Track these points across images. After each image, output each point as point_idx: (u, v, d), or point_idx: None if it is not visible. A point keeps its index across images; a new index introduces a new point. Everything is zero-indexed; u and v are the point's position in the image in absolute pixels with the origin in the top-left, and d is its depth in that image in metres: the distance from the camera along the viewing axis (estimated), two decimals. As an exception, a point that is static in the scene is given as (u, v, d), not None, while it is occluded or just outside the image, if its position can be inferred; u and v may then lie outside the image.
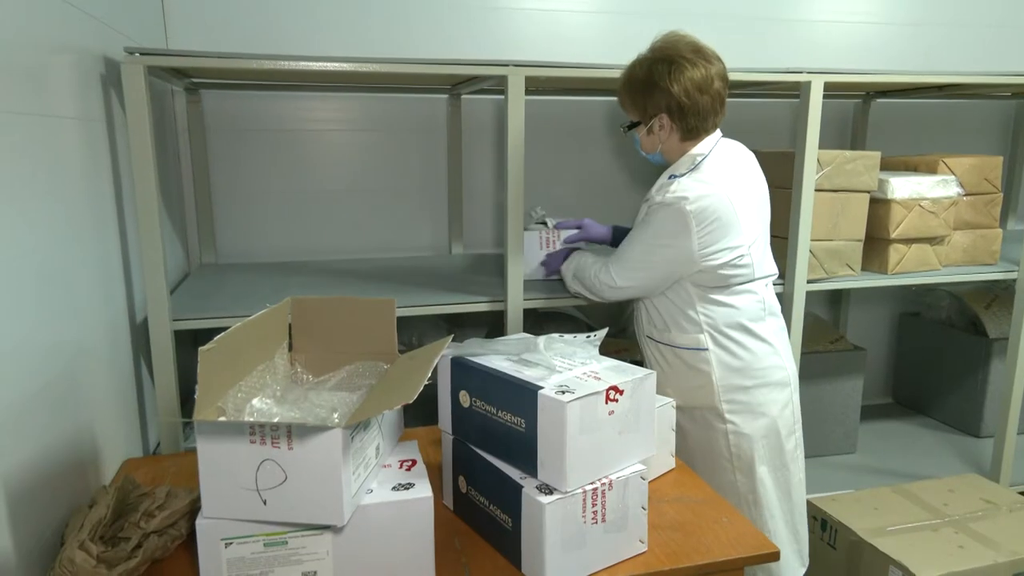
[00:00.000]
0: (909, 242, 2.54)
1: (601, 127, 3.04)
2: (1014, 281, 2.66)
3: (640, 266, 1.83)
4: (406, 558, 1.19)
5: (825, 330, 3.16)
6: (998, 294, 3.29)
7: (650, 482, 1.32)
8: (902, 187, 2.49)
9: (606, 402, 1.20)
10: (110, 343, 1.72)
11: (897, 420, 3.47)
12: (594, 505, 1.22)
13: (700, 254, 1.74)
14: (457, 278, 2.45)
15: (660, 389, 1.89)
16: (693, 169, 1.79)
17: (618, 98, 1.91)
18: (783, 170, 2.37)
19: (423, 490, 1.19)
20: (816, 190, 2.32)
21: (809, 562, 2.00)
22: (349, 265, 2.70)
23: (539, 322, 2.64)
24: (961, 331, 3.30)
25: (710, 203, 1.72)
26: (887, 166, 2.69)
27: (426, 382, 1.12)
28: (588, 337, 1.40)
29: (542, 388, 1.18)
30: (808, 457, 2.05)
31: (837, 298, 3.55)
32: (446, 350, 1.35)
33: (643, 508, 1.29)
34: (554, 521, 1.18)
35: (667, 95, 1.75)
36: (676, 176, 1.79)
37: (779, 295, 2.08)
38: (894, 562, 2.09)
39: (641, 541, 1.30)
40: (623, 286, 1.86)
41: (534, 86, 2.62)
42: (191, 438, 1.96)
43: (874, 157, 2.44)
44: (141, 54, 1.72)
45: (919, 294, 3.56)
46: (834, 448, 3.06)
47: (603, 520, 1.23)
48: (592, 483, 1.21)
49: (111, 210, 1.78)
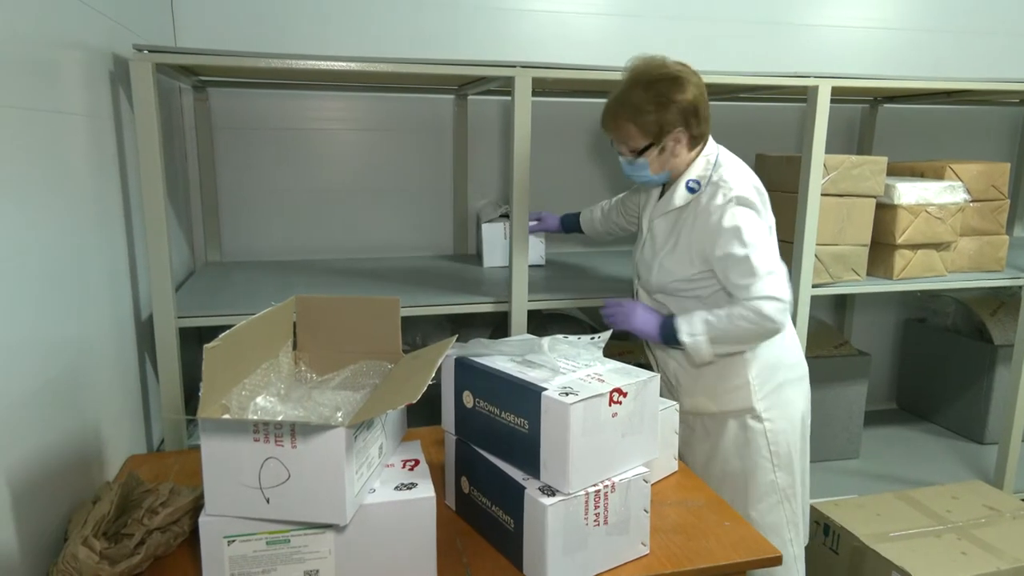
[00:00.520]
0: (915, 248, 2.53)
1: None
2: (1020, 288, 2.65)
3: (774, 260, 1.73)
4: (408, 558, 1.19)
5: (830, 335, 3.15)
6: (1004, 301, 3.28)
7: (652, 485, 1.32)
8: (908, 192, 2.48)
9: (609, 404, 1.20)
10: (115, 340, 1.72)
11: (901, 426, 3.46)
12: (596, 507, 1.22)
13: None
14: (462, 278, 2.45)
15: (692, 399, 1.93)
16: (715, 167, 1.81)
17: (612, 131, 1.83)
18: (789, 174, 2.37)
19: (426, 490, 1.20)
20: (822, 195, 2.32)
21: (810, 567, 2.02)
22: (354, 264, 2.70)
23: (543, 323, 2.64)
24: (966, 337, 3.29)
25: (757, 184, 1.81)
26: (894, 171, 2.68)
27: (430, 382, 1.12)
28: (592, 339, 1.40)
29: (546, 389, 1.18)
30: (811, 462, 2.05)
31: (842, 303, 3.54)
32: (450, 350, 1.35)
33: (645, 511, 1.29)
34: (556, 523, 1.18)
35: (682, 107, 1.75)
36: (697, 181, 1.81)
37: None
38: (896, 568, 2.09)
39: (643, 544, 1.30)
40: (790, 297, 1.72)
41: (541, 88, 2.62)
42: (195, 435, 1.97)
43: (881, 162, 2.43)
44: (150, 51, 1.72)
45: (924, 300, 3.55)
46: (837, 453, 3.05)
47: (605, 522, 1.23)
48: (595, 485, 1.21)
49: (117, 207, 1.79)
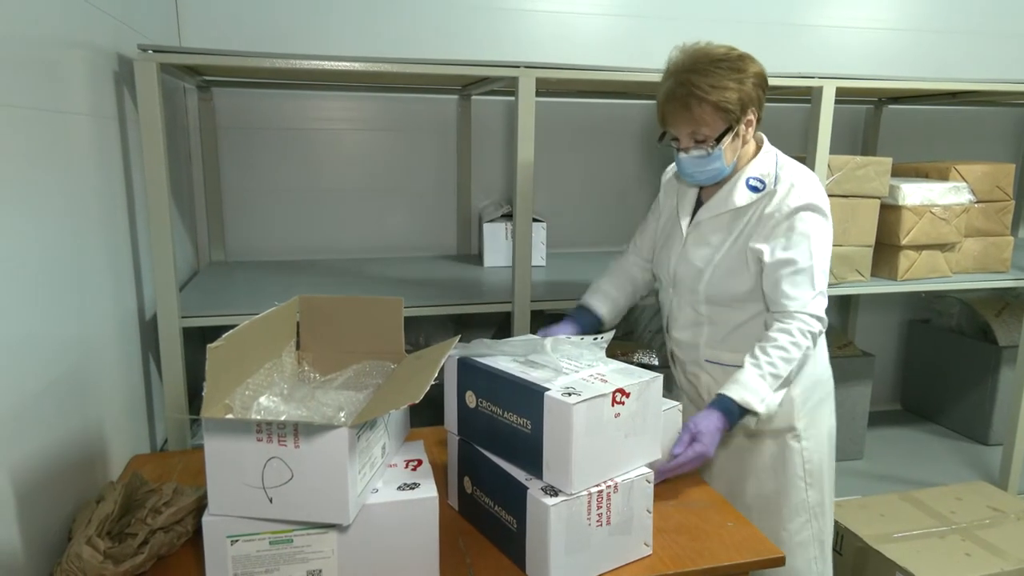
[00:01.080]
0: (919, 248, 2.53)
1: (611, 130, 3.04)
2: (1025, 289, 2.64)
3: (823, 280, 1.62)
4: (411, 558, 1.19)
5: (834, 336, 3.14)
6: (1009, 302, 3.27)
7: (656, 485, 1.32)
8: (913, 193, 2.48)
9: (612, 404, 1.20)
10: (119, 340, 1.73)
11: (905, 427, 3.45)
12: (599, 507, 1.21)
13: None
14: (465, 279, 2.45)
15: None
16: (779, 166, 1.66)
17: (690, 116, 1.59)
18: (793, 174, 2.36)
19: (428, 490, 1.20)
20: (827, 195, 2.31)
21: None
22: (357, 264, 2.71)
23: (546, 324, 2.64)
24: (971, 338, 3.28)
25: (826, 196, 1.66)
26: (898, 172, 2.68)
27: (433, 382, 1.12)
28: (595, 339, 1.40)
29: (548, 390, 1.18)
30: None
31: (846, 304, 3.53)
32: (453, 350, 1.35)
33: (648, 511, 1.29)
34: (559, 523, 1.17)
35: (757, 80, 1.60)
36: (760, 179, 1.64)
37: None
38: (900, 569, 2.08)
39: (646, 544, 1.30)
40: (824, 312, 1.62)
41: (545, 88, 2.62)
42: (198, 435, 1.97)
43: (885, 163, 2.43)
44: (154, 51, 1.73)
45: (929, 301, 3.55)
46: (841, 454, 3.01)
47: (608, 523, 1.23)
48: (597, 485, 1.21)
49: (122, 207, 1.79)
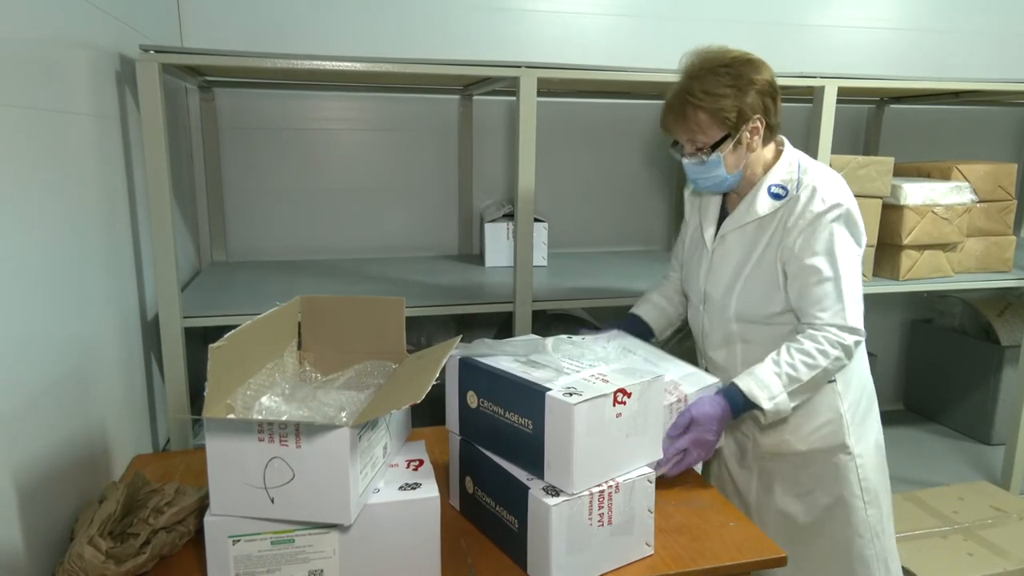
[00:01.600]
0: (921, 248, 2.53)
1: (612, 130, 3.04)
2: (1027, 288, 2.64)
3: (859, 295, 1.56)
4: (412, 558, 1.19)
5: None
6: (1011, 301, 3.27)
7: (658, 479, 1.32)
8: (915, 193, 2.48)
9: (613, 404, 1.20)
10: (121, 340, 1.73)
11: (908, 427, 3.45)
12: (600, 507, 1.21)
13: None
14: (466, 278, 2.45)
15: (777, 439, 1.66)
16: (801, 171, 1.60)
17: (685, 124, 1.58)
18: (795, 174, 2.36)
19: (430, 490, 1.20)
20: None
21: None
22: (359, 264, 2.71)
23: (548, 323, 2.64)
24: (973, 338, 3.28)
25: (853, 197, 1.59)
26: (900, 172, 2.68)
27: (434, 382, 1.12)
28: (596, 339, 1.40)
29: (550, 390, 1.18)
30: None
31: (848, 303, 3.52)
32: (454, 350, 1.35)
33: (649, 511, 1.28)
34: (560, 523, 1.17)
35: (761, 88, 1.55)
36: (782, 187, 1.59)
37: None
38: (903, 568, 2.08)
39: (647, 544, 1.30)
40: (863, 328, 1.56)
41: (546, 88, 2.62)
42: (200, 435, 1.97)
43: (887, 163, 2.43)
44: (156, 52, 1.73)
45: (931, 300, 3.54)
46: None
47: (609, 522, 1.23)
48: (599, 485, 1.21)
49: (123, 207, 1.79)
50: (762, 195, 1.61)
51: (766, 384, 1.51)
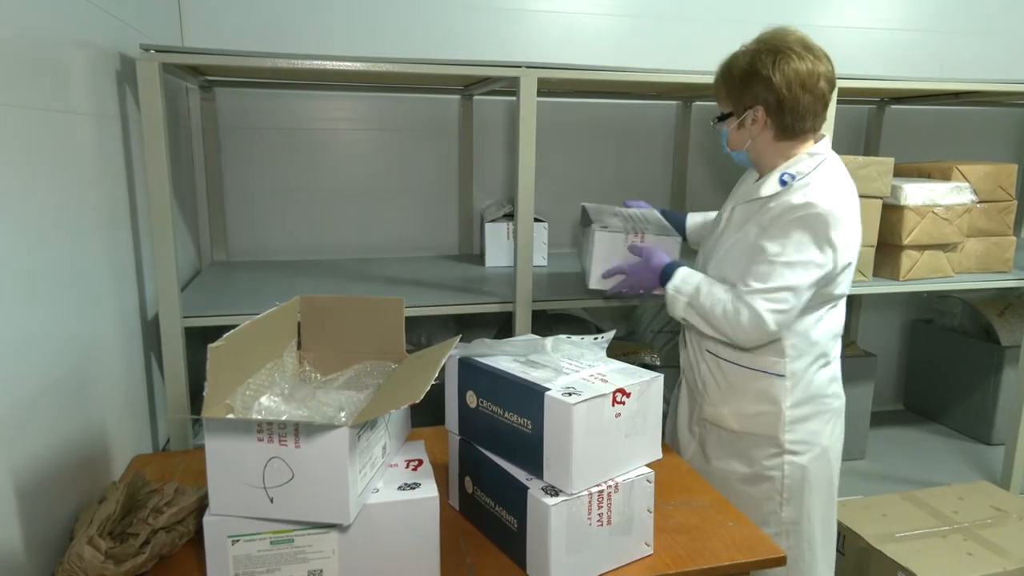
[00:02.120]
0: (922, 248, 2.53)
1: (613, 130, 3.04)
2: (1027, 289, 2.64)
3: (792, 293, 1.60)
4: (411, 558, 1.19)
5: (836, 335, 3.14)
6: (1011, 302, 3.26)
7: (656, 486, 1.32)
8: (915, 193, 2.48)
9: (613, 404, 1.20)
10: (121, 340, 1.73)
11: (908, 426, 3.45)
12: (600, 507, 1.22)
13: (839, 263, 1.63)
14: (467, 278, 2.45)
15: (715, 409, 1.81)
16: (815, 169, 1.64)
17: (713, 88, 1.75)
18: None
19: (429, 490, 1.20)
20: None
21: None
22: (359, 264, 2.71)
23: (548, 323, 2.64)
24: (973, 338, 3.27)
25: (850, 206, 1.64)
26: (900, 172, 2.68)
27: (433, 382, 1.12)
28: (596, 339, 1.40)
29: (549, 390, 1.18)
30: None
31: (849, 304, 3.50)
32: (454, 350, 1.36)
33: (649, 511, 1.29)
34: (559, 523, 1.18)
35: (767, 86, 1.61)
36: (792, 175, 1.64)
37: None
38: (902, 568, 2.08)
39: (647, 544, 1.30)
40: (772, 323, 1.60)
41: (546, 88, 2.62)
42: (200, 435, 1.97)
43: (887, 163, 2.42)
44: (156, 51, 1.73)
45: (931, 301, 3.54)
46: (844, 454, 2.98)
47: (608, 522, 1.23)
48: (598, 485, 1.21)
49: (124, 207, 1.79)
50: (772, 179, 1.67)
51: (688, 283, 1.72)
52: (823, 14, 3.13)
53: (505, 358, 1.35)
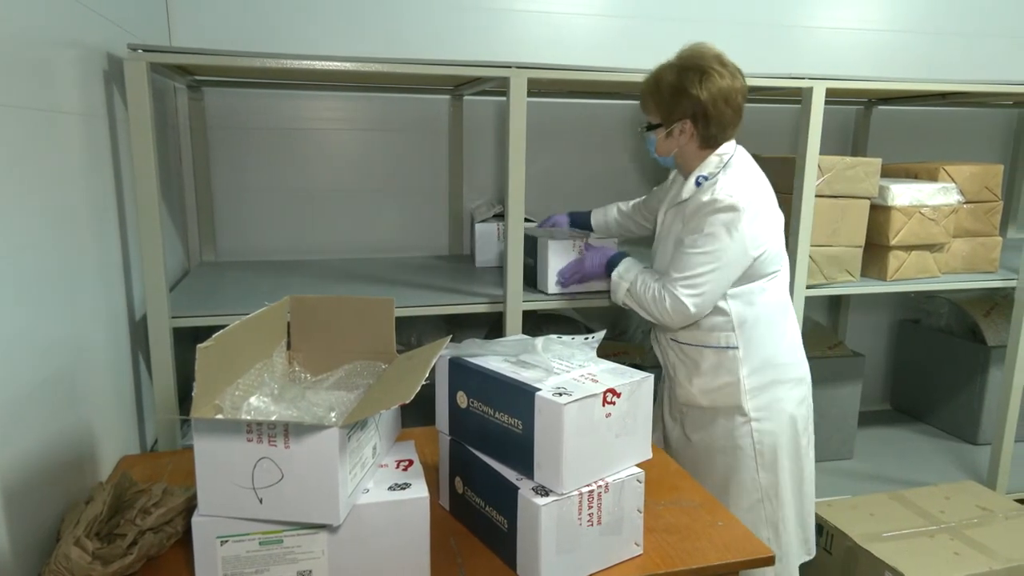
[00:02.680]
0: (909, 249, 2.54)
1: (602, 130, 3.04)
2: (1013, 289, 2.66)
3: (707, 279, 1.81)
4: (402, 558, 1.19)
5: (824, 336, 3.16)
6: (997, 302, 3.29)
7: (646, 486, 1.32)
8: (902, 194, 2.49)
9: (603, 404, 1.20)
10: (109, 340, 1.72)
11: (895, 426, 3.47)
12: (590, 507, 1.22)
13: (752, 247, 1.81)
14: (457, 278, 2.45)
15: (684, 390, 1.99)
16: (724, 168, 1.84)
17: (640, 100, 1.93)
18: (784, 175, 2.37)
19: (419, 490, 1.20)
20: (816, 196, 2.33)
21: (803, 567, 2.03)
22: (349, 264, 2.70)
23: (538, 324, 2.64)
24: (960, 338, 3.30)
25: (754, 195, 1.82)
26: (888, 173, 2.69)
27: (424, 382, 1.12)
28: (586, 339, 1.40)
29: (539, 390, 1.19)
30: (805, 462, 2.05)
31: (836, 304, 3.55)
32: (444, 350, 1.35)
33: (639, 511, 1.29)
34: (550, 523, 1.18)
35: (695, 102, 1.80)
36: (705, 177, 1.85)
37: (778, 300, 2.09)
38: (889, 568, 2.09)
39: (636, 544, 1.31)
40: (692, 306, 1.81)
41: (536, 88, 2.63)
42: (188, 435, 1.96)
43: (875, 164, 2.44)
44: (144, 51, 1.72)
45: (918, 301, 3.57)
46: (831, 454, 3.06)
47: (599, 522, 1.23)
48: (588, 485, 1.21)
49: (111, 207, 1.78)
50: (690, 183, 1.89)
51: (630, 271, 1.95)
52: (811, 15, 3.15)
53: (496, 358, 1.35)
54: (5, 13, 1.25)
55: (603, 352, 1.40)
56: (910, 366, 3.59)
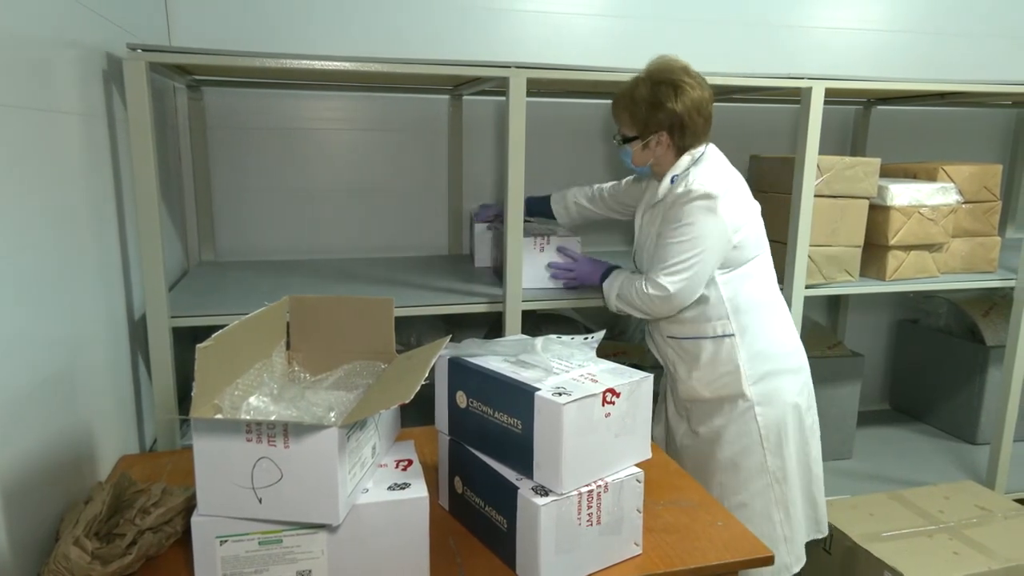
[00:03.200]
0: (908, 249, 2.54)
1: (601, 130, 3.04)
2: (1012, 289, 2.66)
3: (688, 265, 1.86)
4: (401, 558, 1.19)
5: (823, 336, 3.16)
6: (996, 302, 3.29)
7: (645, 486, 1.32)
8: (901, 194, 2.49)
9: (603, 404, 1.20)
10: (108, 340, 1.72)
11: (894, 426, 3.47)
12: (589, 507, 1.22)
13: (732, 231, 1.87)
14: (456, 278, 2.45)
15: (687, 386, 2.03)
16: (696, 163, 1.91)
17: (614, 114, 2.01)
18: (783, 175, 2.37)
19: (419, 490, 1.20)
20: (816, 196, 2.33)
21: (807, 559, 2.05)
22: (348, 264, 2.70)
23: (538, 323, 2.64)
24: (959, 338, 3.30)
25: (728, 183, 1.89)
26: (887, 173, 2.70)
27: (423, 382, 1.12)
28: (585, 339, 1.40)
29: (539, 390, 1.19)
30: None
31: (835, 304, 3.55)
32: (444, 350, 1.36)
33: (638, 511, 1.29)
34: (549, 523, 1.18)
35: (671, 115, 1.87)
36: (678, 175, 1.92)
37: (777, 300, 2.09)
38: (889, 568, 2.10)
39: (636, 544, 1.31)
40: (675, 292, 1.87)
41: (536, 88, 2.62)
42: (188, 435, 1.96)
43: (874, 164, 2.44)
44: (143, 51, 1.72)
45: (917, 301, 3.57)
46: (831, 453, 3.05)
47: (598, 522, 1.24)
48: (588, 485, 1.22)
49: (111, 207, 1.78)
50: (664, 182, 1.95)
51: (618, 278, 2.02)
52: (810, 15, 3.14)
53: (495, 358, 1.35)
54: (5, 13, 1.25)
55: (603, 352, 1.40)
56: (909, 366, 3.59)
